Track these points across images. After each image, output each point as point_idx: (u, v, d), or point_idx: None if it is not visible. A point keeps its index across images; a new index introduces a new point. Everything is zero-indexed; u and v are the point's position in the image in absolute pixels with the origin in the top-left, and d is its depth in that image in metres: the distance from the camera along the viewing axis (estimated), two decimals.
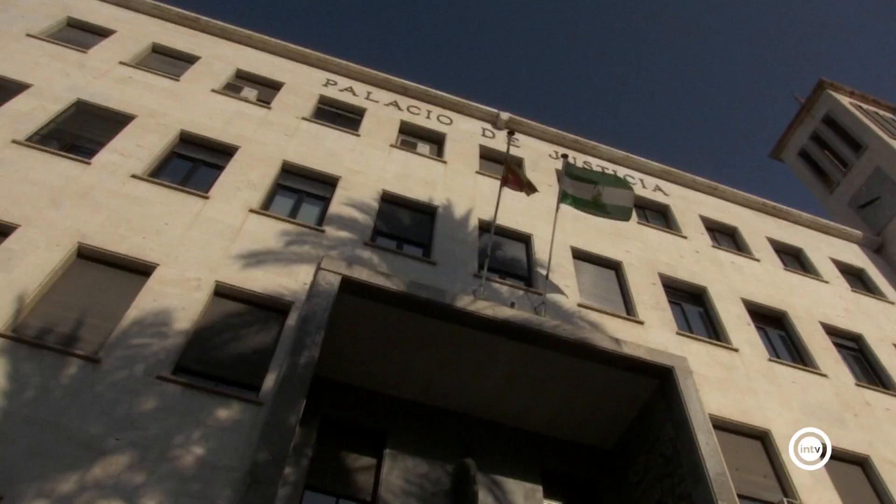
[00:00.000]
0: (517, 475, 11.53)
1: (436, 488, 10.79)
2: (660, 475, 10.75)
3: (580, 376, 11.40)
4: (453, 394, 11.76)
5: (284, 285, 10.93)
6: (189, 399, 8.58)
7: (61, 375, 8.23)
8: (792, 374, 13.36)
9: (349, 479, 10.76)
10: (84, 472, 7.35)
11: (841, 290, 17.96)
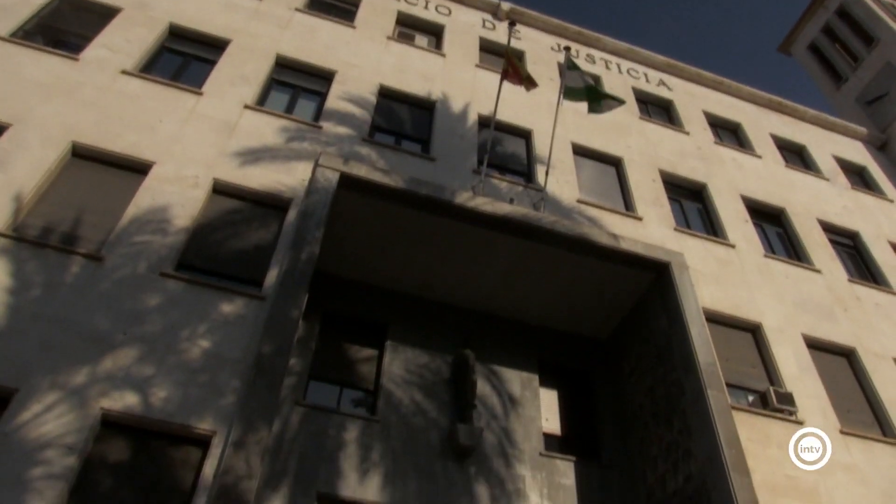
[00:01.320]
0: (514, 365, 11.93)
1: (436, 378, 11.19)
2: (652, 365, 11.13)
3: (578, 271, 11.57)
4: (453, 287, 11.98)
5: (283, 182, 10.89)
6: (193, 295, 8.74)
7: (65, 273, 8.35)
8: (786, 269, 13.55)
9: (352, 369, 11.14)
10: (95, 365, 7.60)
11: (841, 188, 17.93)
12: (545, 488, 10.53)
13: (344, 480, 9.52)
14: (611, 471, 11.14)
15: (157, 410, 7.47)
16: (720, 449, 9.10)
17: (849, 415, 11.09)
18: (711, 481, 9.07)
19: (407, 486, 9.77)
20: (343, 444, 9.85)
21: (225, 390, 7.90)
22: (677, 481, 9.77)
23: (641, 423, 11.08)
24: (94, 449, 7.14)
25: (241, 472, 7.24)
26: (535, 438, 11.09)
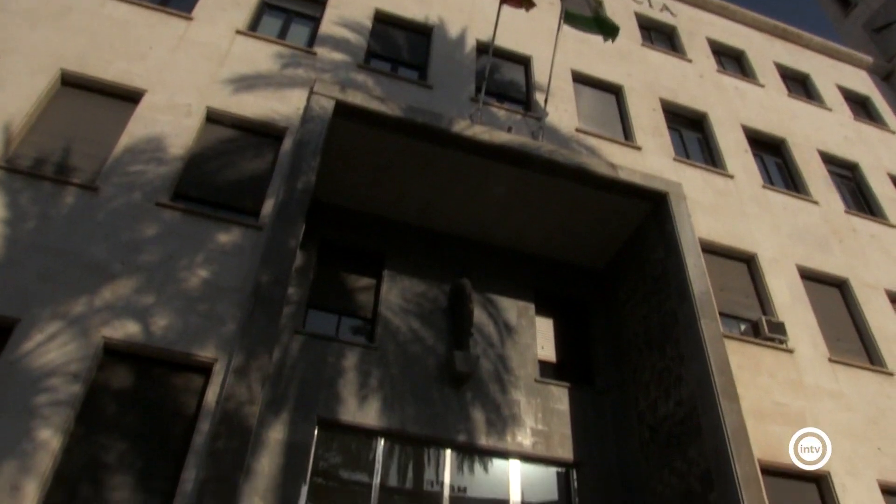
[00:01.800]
0: (511, 294, 12.07)
1: (433, 306, 11.33)
2: (647, 294, 11.26)
3: (575, 200, 11.55)
4: (450, 217, 11.98)
5: (277, 110, 10.71)
6: (189, 225, 8.73)
7: (60, 204, 8.31)
8: (784, 200, 13.54)
9: (350, 298, 11.26)
10: (94, 295, 7.67)
11: (843, 118, 17.70)
12: (540, 413, 10.83)
13: (343, 405, 9.76)
14: (604, 396, 11.43)
15: (158, 339, 7.58)
16: (711, 375, 9.30)
17: (838, 343, 11.30)
18: (701, 406, 9.32)
19: (405, 410, 10.03)
20: (342, 370, 10.05)
21: (225, 319, 7.99)
22: (668, 406, 10.04)
23: (635, 350, 11.29)
24: (98, 376, 7.29)
25: (242, 397, 7.41)
26: (530, 365, 11.31)
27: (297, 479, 8.76)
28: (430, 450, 10.24)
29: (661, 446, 10.00)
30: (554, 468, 10.71)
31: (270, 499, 8.61)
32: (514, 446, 10.35)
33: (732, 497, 8.39)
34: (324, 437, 9.75)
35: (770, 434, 9.32)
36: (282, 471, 8.87)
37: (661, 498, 9.69)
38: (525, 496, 10.21)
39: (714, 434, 8.95)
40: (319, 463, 9.66)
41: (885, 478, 9.61)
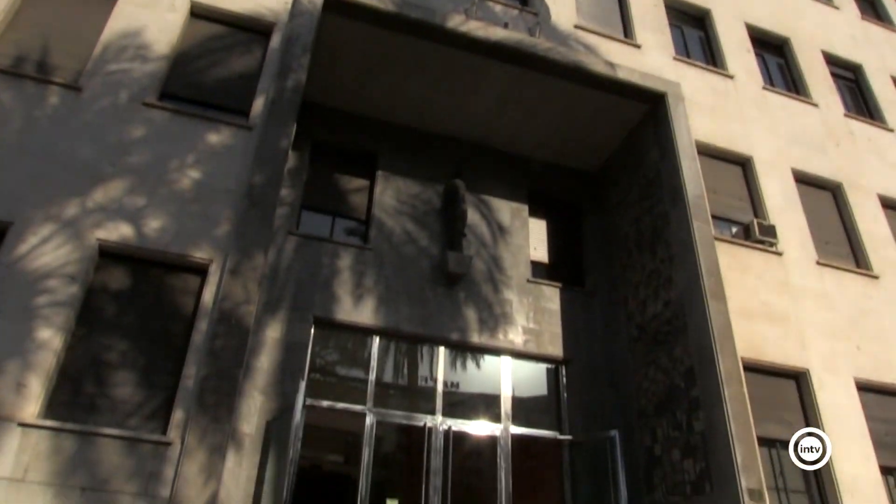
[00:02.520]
0: (504, 195, 12.07)
1: (427, 207, 11.35)
2: (640, 196, 11.27)
3: (572, 100, 11.35)
4: (444, 117, 11.79)
5: (264, 4, 10.27)
6: (178, 125, 8.56)
7: (45, 105, 8.09)
8: (783, 102, 13.30)
9: (344, 199, 11.25)
10: (86, 197, 7.61)
11: (851, 17, 17.09)
12: (531, 312, 11.08)
13: (339, 305, 9.96)
14: (594, 296, 11.67)
15: (152, 241, 7.60)
16: (700, 277, 9.48)
17: (826, 247, 11.43)
18: (689, 306, 9.55)
19: (399, 310, 10.25)
20: (337, 271, 10.18)
21: (218, 220, 7.99)
22: (657, 306, 10.28)
23: (626, 252, 11.43)
24: (96, 278, 7.36)
25: (239, 298, 7.54)
26: (522, 266, 11.48)
27: (296, 376, 9.06)
28: (424, 347, 10.55)
29: (647, 345, 10.32)
30: (544, 365, 11.09)
31: (270, 394, 8.94)
32: (506, 344, 10.67)
33: (714, 392, 8.75)
34: (320, 335, 10.00)
35: (754, 333, 9.60)
36: (280, 368, 9.16)
37: (646, 393, 10.10)
38: (515, 391, 10.62)
39: (700, 333, 9.23)
40: (317, 360, 9.96)
41: (862, 375, 9.98)
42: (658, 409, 9.78)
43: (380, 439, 12.22)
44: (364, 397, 9.67)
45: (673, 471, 9.20)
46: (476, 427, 10.21)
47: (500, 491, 9.63)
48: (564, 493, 10.17)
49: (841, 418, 9.43)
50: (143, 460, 6.38)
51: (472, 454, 11.48)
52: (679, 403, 9.35)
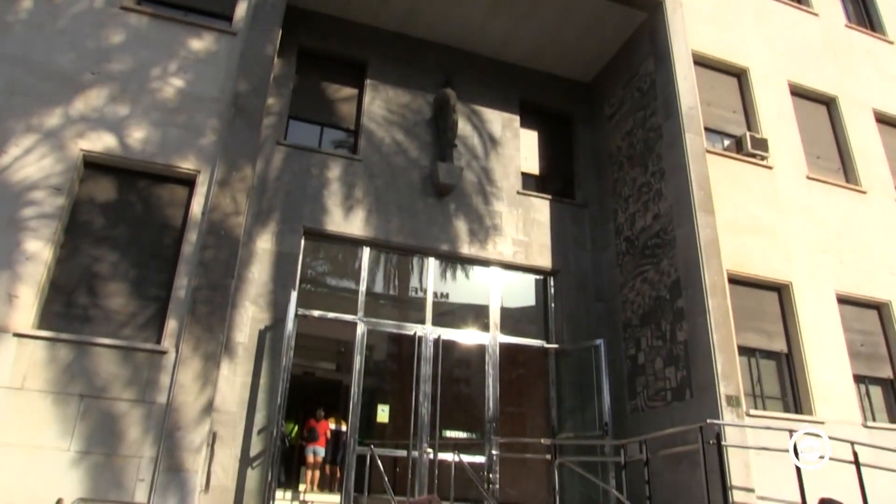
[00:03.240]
0: (496, 105, 11.86)
1: (417, 117, 11.15)
2: (633, 108, 11.10)
3: (566, 6, 10.98)
4: (434, 23, 11.40)
5: None
6: (158, 30, 8.24)
7: (18, 9, 7.72)
8: (783, 10, 12.87)
9: (332, 108, 11.02)
10: (67, 107, 7.39)
11: None
12: (521, 223, 11.12)
13: (329, 216, 9.94)
14: (584, 209, 11.69)
15: (137, 151, 7.47)
16: (690, 190, 9.48)
17: (817, 161, 11.39)
18: (678, 220, 9.60)
19: (389, 221, 10.25)
20: (326, 182, 10.10)
21: (204, 130, 7.84)
22: (646, 220, 10.32)
23: (617, 165, 11.37)
24: (82, 189, 7.27)
25: (227, 209, 7.51)
26: (513, 177, 11.42)
27: (287, 286, 9.14)
28: (414, 258, 10.63)
29: (635, 257, 10.43)
30: (532, 276, 11.24)
31: (262, 304, 9.05)
32: (495, 255, 10.76)
33: (698, 303, 8.94)
34: (310, 246, 10.04)
35: (741, 246, 9.70)
36: (271, 278, 9.23)
37: (632, 305, 10.30)
38: (504, 302, 10.80)
39: (688, 246, 9.32)
40: (307, 271, 10.04)
41: (842, 289, 10.18)
42: (643, 319, 10.01)
43: (371, 348, 12.55)
44: (355, 307, 9.82)
45: (655, 379, 9.51)
46: (465, 336, 10.43)
47: (488, 397, 9.95)
48: (550, 399, 10.54)
49: (819, 329, 9.69)
50: (139, 369, 6.51)
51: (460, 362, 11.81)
52: (664, 314, 9.56)
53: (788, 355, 9.57)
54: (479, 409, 10.13)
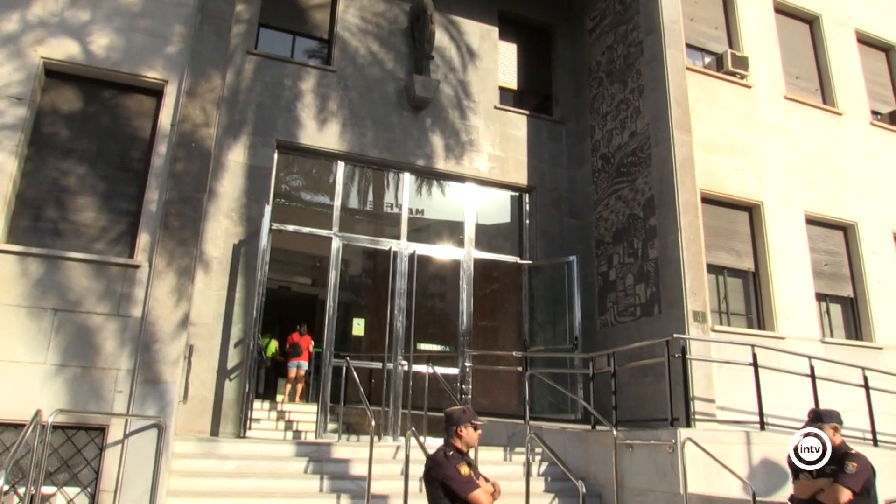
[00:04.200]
0: (474, 16, 11.49)
1: (392, 27, 10.79)
2: (615, 22, 10.84)
3: None
4: None
5: None
6: None
7: None
8: None
9: (304, 17, 10.59)
10: (24, 10, 6.97)
11: None
12: (497, 139, 11.02)
13: (302, 129, 9.74)
14: (561, 125, 11.59)
15: (101, 59, 7.14)
16: (668, 108, 9.41)
17: (796, 81, 11.31)
18: (654, 137, 9.57)
19: (364, 135, 10.08)
20: (299, 94, 9.83)
21: (170, 37, 7.50)
22: (623, 137, 10.28)
23: (596, 81, 11.19)
24: (44, 99, 6.97)
25: (197, 120, 7.31)
26: (490, 91, 11.22)
27: (261, 200, 9.04)
28: (390, 173, 10.54)
29: (611, 175, 10.45)
30: (508, 192, 11.25)
31: (236, 218, 8.97)
32: (471, 171, 10.70)
33: (671, 222, 9.05)
34: (284, 160, 9.88)
35: (715, 165, 9.74)
36: (245, 192, 9.11)
37: (606, 222, 10.39)
38: (479, 218, 10.84)
39: (663, 165, 9.34)
40: (281, 185, 9.92)
41: (812, 210, 10.35)
42: (616, 237, 10.13)
43: (346, 263, 12.60)
44: (330, 222, 9.78)
45: (625, 295, 9.73)
46: (440, 252, 10.51)
47: (462, 312, 10.13)
48: (522, 314, 10.76)
49: (787, 249, 9.91)
50: (113, 283, 6.47)
51: (435, 277, 11.94)
52: (636, 232, 9.68)
53: (755, 274, 9.81)
54: (452, 323, 10.33)
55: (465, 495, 3.87)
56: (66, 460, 5.95)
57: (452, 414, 4.38)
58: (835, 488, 4.25)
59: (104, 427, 6.08)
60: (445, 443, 4.25)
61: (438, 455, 4.12)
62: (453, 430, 4.30)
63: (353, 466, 7.15)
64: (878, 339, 10.17)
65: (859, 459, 4.31)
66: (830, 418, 4.78)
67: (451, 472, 3.94)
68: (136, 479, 5.93)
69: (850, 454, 4.37)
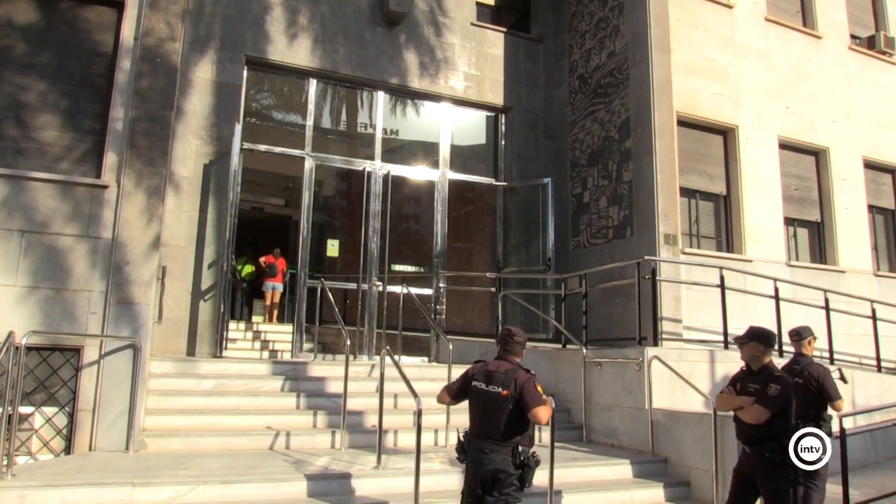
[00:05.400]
0: None
1: None
2: None
3: None
4: None
5: None
6: None
7: None
8: None
9: None
10: None
11: None
12: (474, 58, 10.77)
13: (272, 44, 9.41)
14: (539, 44, 11.34)
15: None
16: (648, 27, 9.24)
17: (777, 2, 11.10)
18: (633, 58, 9.43)
19: (336, 51, 9.78)
20: (268, 6, 9.45)
21: None
22: (601, 57, 10.11)
23: None
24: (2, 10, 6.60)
25: (162, 33, 7.01)
26: (467, 7, 10.89)
27: (231, 119, 8.81)
28: (363, 92, 10.32)
29: (588, 96, 10.33)
30: (483, 112, 11.10)
31: (205, 138, 8.76)
32: (447, 90, 10.51)
33: (646, 144, 9.04)
34: (254, 77, 9.59)
35: (692, 88, 9.65)
36: (214, 111, 8.86)
37: (582, 144, 10.35)
38: (454, 139, 10.72)
39: (640, 85, 9.25)
40: (252, 104, 9.67)
41: (785, 134, 10.37)
42: (591, 159, 10.12)
43: (320, 184, 12.46)
44: (302, 142, 9.61)
45: (598, 217, 9.81)
46: (415, 173, 10.43)
47: (436, 233, 10.16)
48: (496, 236, 10.82)
49: (759, 173, 9.98)
50: (80, 203, 6.33)
51: (410, 199, 11.87)
52: (611, 154, 9.67)
53: (727, 197, 9.91)
54: (427, 245, 10.37)
55: (538, 406, 4.07)
56: (43, 381, 5.97)
57: (516, 333, 4.44)
58: (754, 408, 4.39)
59: (79, 348, 6.08)
60: (508, 360, 4.35)
61: (520, 371, 4.24)
62: (518, 349, 4.40)
63: (329, 384, 7.31)
64: (841, 263, 10.45)
65: (782, 382, 4.43)
66: (809, 333, 5.76)
67: (530, 387, 4.12)
68: (114, 398, 5.99)
69: (774, 376, 4.48)
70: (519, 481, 4.08)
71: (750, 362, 4.64)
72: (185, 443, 6.02)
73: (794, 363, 5.60)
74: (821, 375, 5.44)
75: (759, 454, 4.40)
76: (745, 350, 4.65)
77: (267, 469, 5.29)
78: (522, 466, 4.07)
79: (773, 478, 4.34)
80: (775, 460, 4.31)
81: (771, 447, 4.33)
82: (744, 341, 4.67)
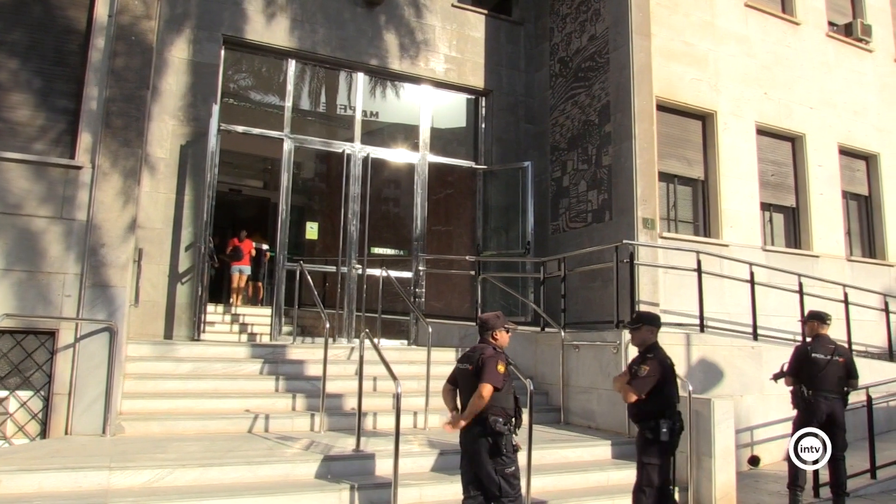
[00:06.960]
0: None
1: None
2: None
3: None
4: None
5: None
6: None
7: None
8: None
9: None
10: None
11: None
12: (454, 40, 10.71)
13: (250, 24, 9.28)
14: (520, 26, 11.30)
15: None
16: (629, 10, 9.23)
17: None
18: (614, 42, 9.44)
19: (315, 32, 9.67)
20: None
21: None
22: (582, 41, 10.10)
23: None
24: None
25: (137, 11, 6.88)
26: None
27: (208, 100, 8.70)
28: (342, 73, 10.22)
29: (568, 80, 10.33)
30: (464, 95, 11.05)
31: (182, 118, 8.64)
32: (427, 72, 10.44)
33: (625, 128, 9.07)
34: (232, 57, 9.46)
35: (672, 73, 9.69)
36: (191, 91, 8.74)
37: (562, 128, 10.36)
38: (434, 122, 10.67)
39: (620, 69, 9.26)
40: (229, 84, 9.54)
41: (763, 120, 10.45)
42: (571, 143, 10.13)
43: (298, 166, 12.37)
44: (281, 123, 9.51)
45: (578, 201, 9.85)
46: (394, 155, 10.38)
47: (416, 216, 10.14)
48: (476, 219, 10.83)
49: (737, 159, 10.07)
50: (54, 185, 6.22)
51: (389, 181, 11.85)
52: (591, 138, 9.70)
53: (704, 182, 9.99)
54: (406, 228, 10.36)
55: (486, 382, 4.15)
56: (17, 364, 5.90)
57: (488, 320, 4.56)
58: (624, 388, 4.63)
59: (54, 331, 6.00)
60: (486, 342, 4.47)
61: (488, 349, 4.37)
62: (489, 335, 4.50)
63: (308, 367, 7.30)
64: (815, 248, 10.60)
65: (652, 364, 4.56)
66: (829, 316, 6.30)
67: (491, 364, 4.22)
68: (90, 382, 5.93)
69: (646, 357, 4.63)
70: (493, 449, 4.18)
71: (640, 346, 4.82)
72: (163, 426, 5.99)
73: (830, 342, 6.14)
74: (850, 356, 6.28)
75: (640, 431, 4.64)
76: (638, 335, 4.82)
77: (245, 452, 5.29)
78: (493, 434, 4.17)
79: (644, 453, 4.60)
80: (647, 437, 4.55)
81: (646, 425, 4.57)
82: (636, 326, 4.83)
